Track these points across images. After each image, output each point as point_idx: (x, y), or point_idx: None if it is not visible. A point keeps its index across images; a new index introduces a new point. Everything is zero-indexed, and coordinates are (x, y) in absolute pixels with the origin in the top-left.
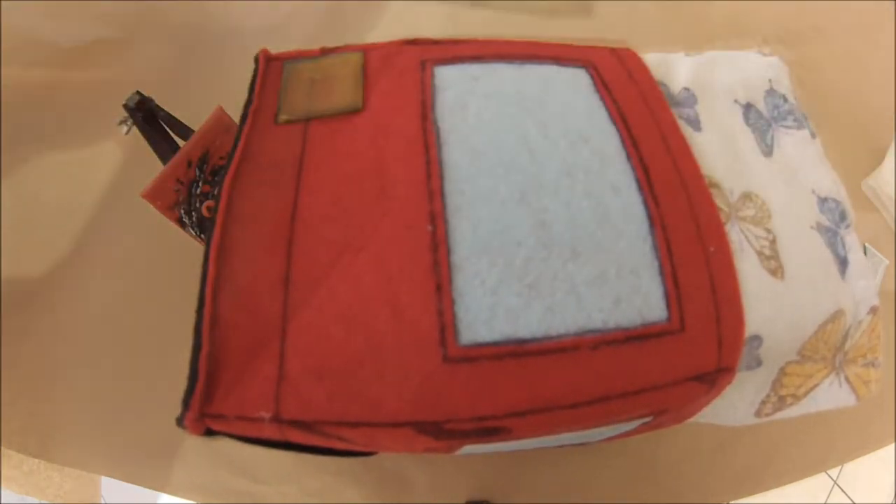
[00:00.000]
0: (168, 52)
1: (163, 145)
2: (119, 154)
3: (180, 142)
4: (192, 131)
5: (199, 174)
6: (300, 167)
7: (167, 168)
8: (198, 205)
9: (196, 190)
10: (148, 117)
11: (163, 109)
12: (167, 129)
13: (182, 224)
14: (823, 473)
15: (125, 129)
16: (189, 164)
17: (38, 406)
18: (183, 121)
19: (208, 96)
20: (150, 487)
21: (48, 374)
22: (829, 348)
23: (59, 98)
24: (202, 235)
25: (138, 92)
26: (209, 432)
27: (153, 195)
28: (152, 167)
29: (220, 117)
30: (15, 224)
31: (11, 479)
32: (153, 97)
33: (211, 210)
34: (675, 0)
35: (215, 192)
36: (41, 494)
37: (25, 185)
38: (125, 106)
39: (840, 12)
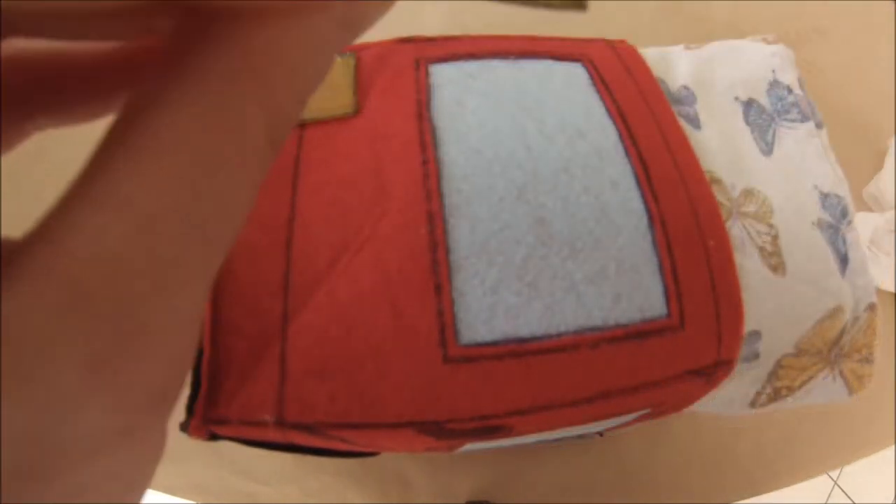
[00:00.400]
0: None
1: None
2: None
3: None
4: None
5: None
6: (296, 170)
7: None
8: None
9: None
10: None
11: None
12: None
13: None
14: (823, 473)
15: None
16: None
17: None
18: None
19: None
20: (149, 487)
21: None
22: (825, 343)
23: None
24: None
25: None
26: (213, 436)
27: None
28: None
29: None
30: (15, 224)
31: None
32: None
33: None
34: (675, 0)
35: None
36: None
37: (25, 185)
38: None
39: (840, 12)
